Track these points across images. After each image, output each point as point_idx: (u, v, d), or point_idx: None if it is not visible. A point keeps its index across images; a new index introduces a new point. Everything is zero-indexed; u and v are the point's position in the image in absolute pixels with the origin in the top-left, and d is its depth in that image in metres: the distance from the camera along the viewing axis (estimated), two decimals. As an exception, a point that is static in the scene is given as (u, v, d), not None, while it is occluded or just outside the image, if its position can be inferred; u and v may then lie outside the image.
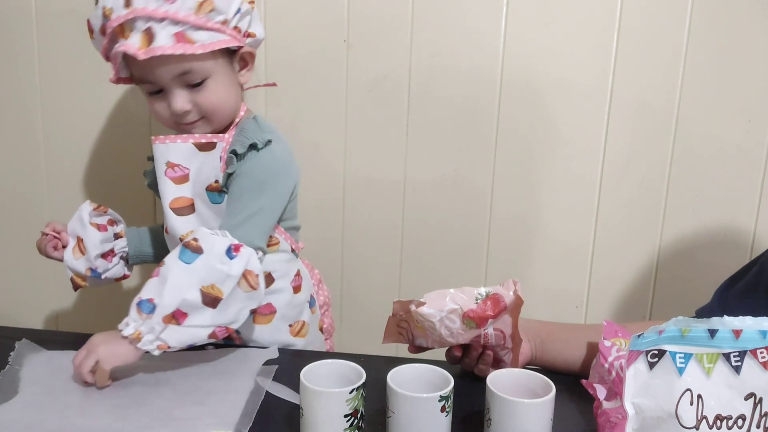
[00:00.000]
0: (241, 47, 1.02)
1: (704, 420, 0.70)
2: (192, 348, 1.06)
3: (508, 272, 1.32)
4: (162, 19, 0.93)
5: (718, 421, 0.70)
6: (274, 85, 1.14)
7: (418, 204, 1.32)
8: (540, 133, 1.26)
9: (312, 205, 1.29)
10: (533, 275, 1.33)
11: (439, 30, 1.23)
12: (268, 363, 1.02)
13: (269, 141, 1.02)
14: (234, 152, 1.01)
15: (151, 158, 1.08)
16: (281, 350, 1.06)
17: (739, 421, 0.70)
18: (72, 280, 1.11)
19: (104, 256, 1.11)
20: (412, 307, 0.90)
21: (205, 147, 1.03)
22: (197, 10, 0.95)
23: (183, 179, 1.04)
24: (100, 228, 1.12)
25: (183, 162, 1.03)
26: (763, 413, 0.69)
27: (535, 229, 1.31)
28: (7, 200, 1.39)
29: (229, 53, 1.02)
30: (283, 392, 0.92)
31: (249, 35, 1.03)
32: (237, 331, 1.07)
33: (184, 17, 0.94)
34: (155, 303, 0.91)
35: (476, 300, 0.89)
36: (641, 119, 1.24)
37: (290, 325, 1.12)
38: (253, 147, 1.01)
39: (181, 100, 0.99)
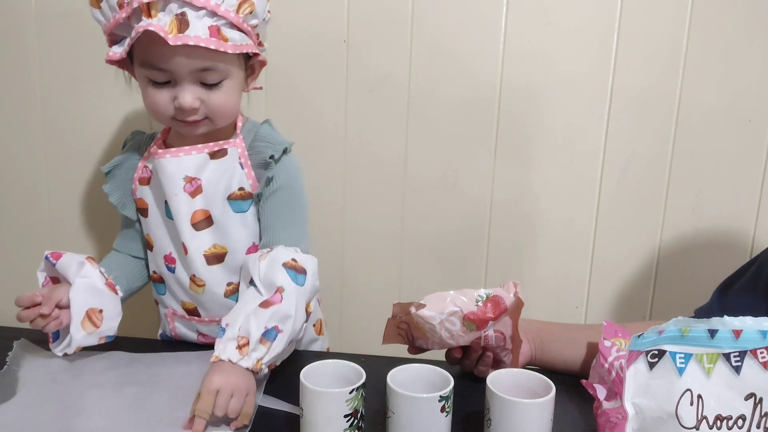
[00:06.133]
0: (257, 55, 0.99)
1: (704, 420, 0.70)
2: (190, 348, 1.07)
3: (508, 272, 1.33)
4: (200, 8, 0.88)
5: (718, 422, 0.70)
6: (260, 88, 1.10)
7: (418, 204, 1.31)
8: (540, 133, 1.26)
9: (312, 205, 1.28)
10: (533, 275, 1.33)
11: (439, 30, 1.23)
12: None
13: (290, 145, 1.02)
14: (272, 157, 0.98)
15: (108, 172, 1.04)
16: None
17: (739, 422, 0.70)
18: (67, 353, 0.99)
19: None
20: (412, 310, 0.90)
21: (217, 154, 1.00)
22: (237, 9, 0.90)
23: (197, 191, 0.99)
24: (113, 289, 1.02)
25: (197, 174, 0.99)
26: (763, 413, 0.69)
27: (534, 229, 1.31)
28: (7, 200, 1.39)
29: (245, 58, 0.98)
30: (275, 404, 0.91)
31: (260, 44, 1.00)
32: None
33: (223, 12, 0.89)
34: (280, 330, 0.89)
35: (476, 302, 0.88)
36: (641, 119, 1.24)
37: (314, 325, 1.13)
38: (284, 151, 1.00)
39: (191, 95, 0.92)
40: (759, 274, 0.91)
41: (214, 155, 1.00)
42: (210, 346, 1.05)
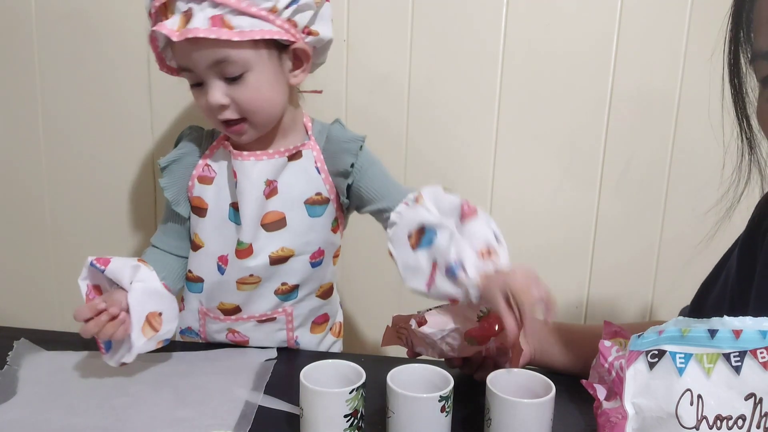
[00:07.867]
0: (293, 42, 0.93)
1: (704, 420, 0.70)
2: (193, 348, 1.07)
3: (508, 272, 1.32)
4: (202, 1, 0.87)
5: (718, 422, 0.70)
6: (319, 92, 1.09)
7: (418, 204, 1.31)
8: (540, 133, 1.26)
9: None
10: (533, 275, 1.33)
11: (439, 29, 1.23)
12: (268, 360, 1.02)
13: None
14: (353, 165, 0.98)
15: (164, 168, 1.01)
16: (281, 350, 1.06)
17: (739, 422, 0.69)
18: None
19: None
20: (413, 325, 0.89)
21: (294, 157, 1.00)
22: None
23: (273, 193, 0.99)
24: (169, 290, 1.00)
25: (275, 176, 0.98)
26: (763, 413, 0.69)
27: (534, 230, 1.31)
28: (8, 201, 1.39)
29: (279, 48, 0.93)
30: (275, 404, 0.91)
31: (309, 33, 0.94)
32: (296, 342, 1.07)
33: (223, 0, 0.87)
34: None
35: (478, 318, 0.88)
36: (641, 119, 1.24)
37: (330, 328, 1.13)
38: (360, 148, 1.00)
39: (217, 92, 0.91)
40: (725, 286, 0.90)
41: (291, 158, 0.99)
42: (232, 345, 1.07)
